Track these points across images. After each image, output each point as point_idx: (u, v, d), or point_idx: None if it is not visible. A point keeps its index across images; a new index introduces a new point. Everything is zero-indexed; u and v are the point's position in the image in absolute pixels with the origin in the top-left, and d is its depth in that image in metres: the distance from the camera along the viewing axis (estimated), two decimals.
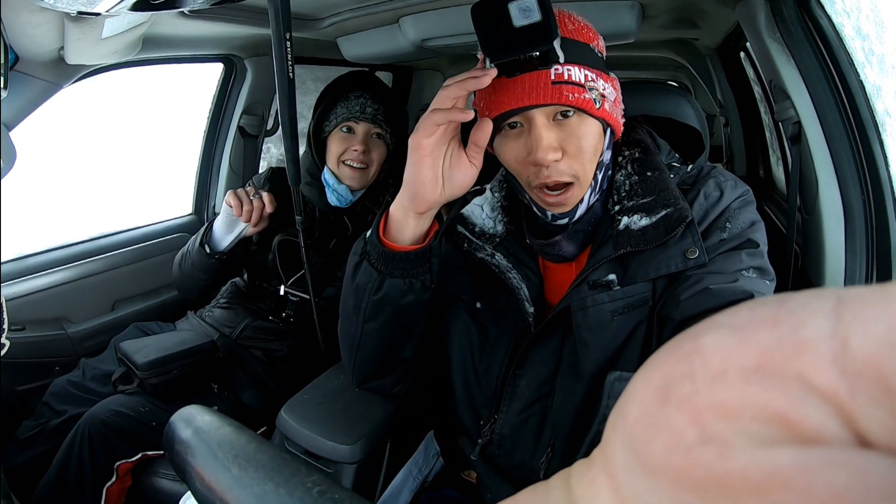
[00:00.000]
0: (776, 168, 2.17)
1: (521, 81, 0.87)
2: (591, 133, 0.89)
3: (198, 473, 0.45)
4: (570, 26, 0.90)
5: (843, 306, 0.17)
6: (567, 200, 0.93)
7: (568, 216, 0.95)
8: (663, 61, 3.37)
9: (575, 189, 0.92)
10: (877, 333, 0.15)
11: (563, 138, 0.89)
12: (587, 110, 0.87)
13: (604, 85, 0.90)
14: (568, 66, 0.86)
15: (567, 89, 0.86)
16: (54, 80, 1.48)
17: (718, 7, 1.72)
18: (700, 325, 0.20)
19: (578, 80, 0.86)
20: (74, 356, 1.84)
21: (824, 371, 0.16)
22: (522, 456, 1.01)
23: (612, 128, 0.94)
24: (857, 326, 0.16)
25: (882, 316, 0.16)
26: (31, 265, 1.87)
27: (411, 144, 0.91)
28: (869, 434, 0.16)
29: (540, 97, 0.86)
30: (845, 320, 0.16)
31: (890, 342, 0.15)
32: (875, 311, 0.16)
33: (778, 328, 0.18)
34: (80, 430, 1.46)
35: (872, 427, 0.15)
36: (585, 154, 0.90)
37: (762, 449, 0.17)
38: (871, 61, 1.13)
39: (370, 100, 1.74)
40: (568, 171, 0.90)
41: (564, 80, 0.86)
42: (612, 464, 0.22)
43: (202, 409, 0.54)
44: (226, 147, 2.39)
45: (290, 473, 0.41)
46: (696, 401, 0.18)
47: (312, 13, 1.85)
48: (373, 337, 1.05)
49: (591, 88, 0.87)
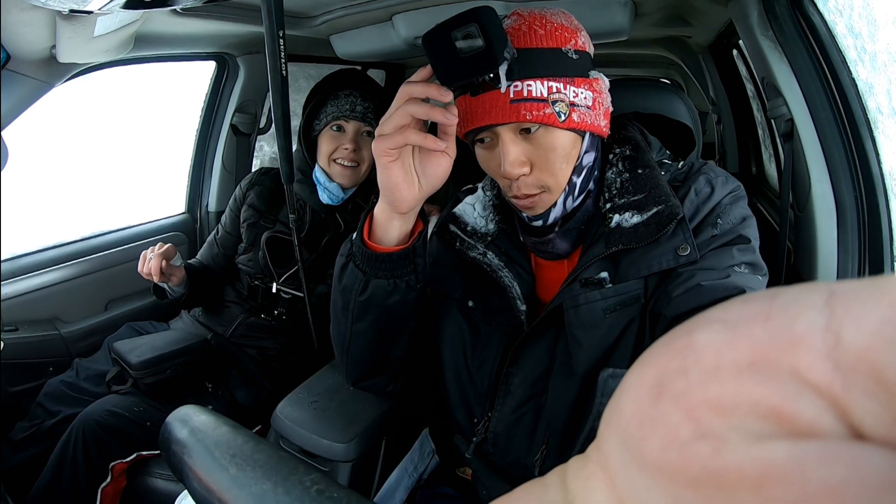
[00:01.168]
0: (768, 165, 2.18)
1: (483, 101, 0.88)
2: (559, 144, 0.89)
3: (195, 474, 0.45)
4: (539, 32, 0.88)
5: (836, 300, 0.17)
6: (535, 205, 0.94)
7: (541, 218, 0.96)
8: (656, 59, 3.37)
9: (545, 195, 0.93)
10: (870, 327, 0.16)
11: (530, 152, 0.90)
12: (550, 125, 0.87)
13: (575, 92, 0.89)
14: (529, 82, 0.86)
15: (526, 107, 0.86)
16: (46, 79, 1.47)
17: (711, 5, 1.72)
18: (692, 321, 0.20)
19: (540, 94, 0.86)
20: (68, 356, 1.84)
21: (818, 365, 0.16)
22: (517, 454, 1.01)
23: (590, 132, 0.94)
24: (850, 320, 0.16)
25: (874, 309, 0.16)
26: (24, 265, 1.85)
27: (374, 151, 0.90)
28: (863, 427, 0.16)
29: (498, 116, 0.87)
30: (838, 314, 0.16)
31: (883, 335, 0.15)
32: (867, 304, 0.16)
33: (770, 323, 0.18)
34: (75, 430, 1.46)
35: (867, 420, 0.15)
36: (554, 165, 0.90)
37: (757, 444, 0.17)
38: (863, 59, 1.14)
39: (360, 98, 1.74)
40: (536, 183, 0.91)
41: (524, 98, 0.86)
42: (607, 460, 0.22)
43: (198, 408, 0.54)
44: (219, 145, 2.38)
45: (288, 472, 0.41)
46: (690, 397, 0.18)
47: (305, 11, 1.84)
48: (362, 337, 1.06)
49: (555, 101, 0.87)
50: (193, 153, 2.41)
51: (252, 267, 1.86)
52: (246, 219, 1.89)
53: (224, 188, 2.39)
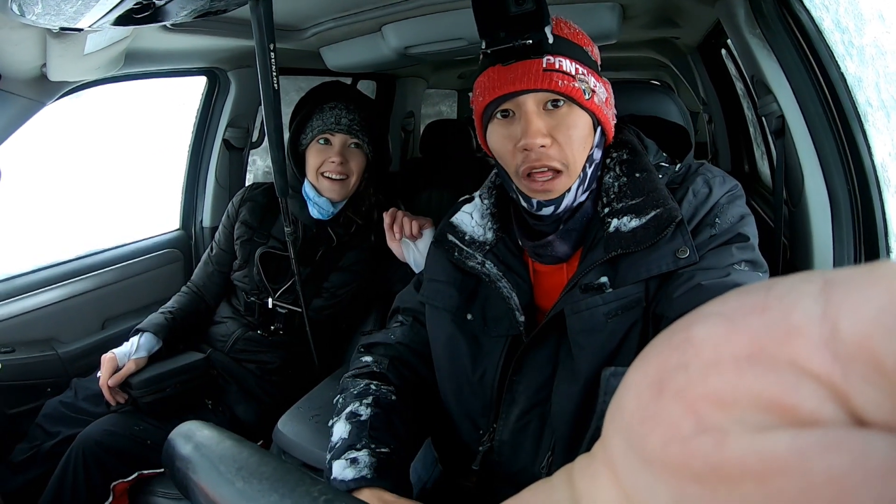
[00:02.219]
0: (761, 163, 2.19)
1: (515, 69, 0.91)
2: (580, 123, 0.92)
3: (201, 489, 0.45)
4: (566, 30, 0.94)
5: (831, 289, 0.17)
6: (554, 187, 0.94)
7: (554, 204, 0.96)
8: (646, 61, 3.40)
9: (563, 178, 0.94)
10: (866, 314, 0.16)
11: (552, 126, 0.92)
12: (577, 99, 0.91)
13: (595, 83, 0.93)
14: (560, 58, 0.91)
15: (558, 76, 0.89)
16: (37, 98, 1.47)
17: (698, 5, 1.74)
18: (691, 316, 0.20)
19: (569, 70, 0.90)
20: (66, 376, 1.82)
21: (816, 354, 0.16)
22: (524, 462, 1.01)
23: (602, 126, 0.97)
24: (846, 308, 0.16)
25: (870, 296, 0.16)
26: (19, 286, 1.84)
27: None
28: (864, 414, 0.16)
29: (531, 82, 0.90)
30: (834, 302, 0.16)
31: (879, 322, 0.15)
32: (863, 291, 0.16)
33: (767, 314, 0.18)
34: (75, 451, 1.45)
35: (868, 407, 0.16)
36: (574, 143, 0.92)
37: (759, 435, 0.17)
38: (850, 53, 1.15)
39: (345, 110, 1.73)
40: (557, 157, 0.92)
41: (556, 69, 0.90)
42: (612, 457, 0.22)
43: (201, 423, 0.54)
44: (211, 160, 2.38)
45: (295, 484, 0.40)
46: (690, 391, 0.18)
47: (295, 24, 1.85)
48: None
49: (581, 80, 0.91)
50: (186, 169, 2.41)
51: (247, 283, 1.85)
52: (239, 236, 1.89)
53: (218, 203, 2.38)
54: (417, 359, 1.15)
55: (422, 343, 1.14)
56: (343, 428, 1.00)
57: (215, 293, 1.94)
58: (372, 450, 0.95)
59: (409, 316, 1.18)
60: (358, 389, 1.07)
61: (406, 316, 1.19)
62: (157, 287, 2.22)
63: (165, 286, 2.21)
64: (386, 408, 1.04)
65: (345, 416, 1.02)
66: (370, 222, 1.89)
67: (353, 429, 0.99)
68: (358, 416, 1.01)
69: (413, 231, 1.38)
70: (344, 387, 1.12)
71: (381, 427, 1.00)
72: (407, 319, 1.18)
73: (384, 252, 1.57)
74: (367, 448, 0.95)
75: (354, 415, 1.02)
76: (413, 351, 1.15)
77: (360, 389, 1.07)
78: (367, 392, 1.06)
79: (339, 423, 1.01)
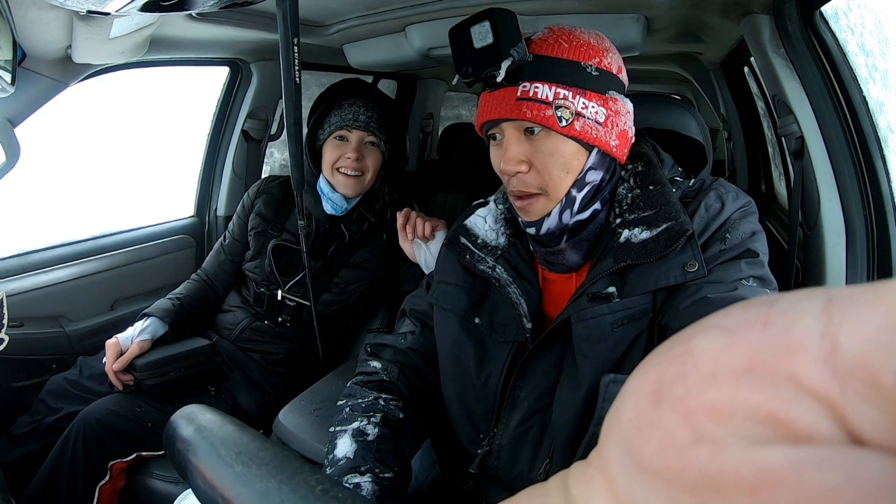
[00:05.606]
0: (778, 183, 2.18)
1: (495, 96, 0.94)
2: (558, 150, 0.93)
3: (199, 471, 0.45)
4: (563, 45, 0.93)
5: (833, 306, 0.17)
6: (531, 209, 0.96)
7: (535, 226, 0.98)
8: (667, 75, 3.38)
9: (542, 201, 0.95)
10: (867, 333, 0.16)
11: (531, 152, 0.94)
12: (549, 127, 0.91)
13: (585, 103, 0.92)
14: (537, 85, 0.91)
15: (528, 106, 0.90)
16: (61, 79, 1.49)
17: (723, 22, 1.73)
18: (692, 328, 0.20)
19: (545, 97, 0.90)
20: (72, 354, 1.84)
21: (815, 370, 0.16)
22: (521, 467, 1.01)
23: (598, 150, 0.95)
24: (848, 326, 0.16)
25: (872, 315, 0.16)
26: (32, 262, 1.86)
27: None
28: (861, 432, 0.16)
29: (505, 112, 0.93)
30: (835, 320, 0.16)
31: (880, 341, 0.15)
32: (865, 310, 0.16)
33: (768, 329, 0.18)
34: (76, 428, 1.46)
35: (865, 426, 0.16)
36: (552, 169, 0.93)
37: (754, 448, 0.17)
38: (874, 77, 1.14)
39: (363, 108, 1.75)
40: (534, 182, 0.95)
41: (529, 98, 0.91)
42: (607, 465, 0.22)
43: (204, 407, 0.54)
44: (229, 150, 2.39)
45: (293, 471, 0.41)
46: (688, 402, 0.18)
47: (320, 19, 1.86)
48: None
49: (558, 107, 0.90)
50: (204, 157, 2.43)
51: (258, 274, 1.87)
52: (253, 227, 1.90)
53: (233, 193, 2.39)
54: (427, 364, 1.15)
55: (432, 348, 1.15)
56: (348, 445, 1.01)
57: (225, 282, 1.95)
58: (376, 475, 0.97)
59: (418, 320, 1.19)
60: (366, 403, 1.08)
61: (415, 320, 1.19)
62: (167, 272, 2.24)
63: (176, 272, 2.23)
64: (393, 426, 1.05)
65: (351, 432, 1.03)
66: (383, 221, 1.90)
67: (358, 448, 1.00)
68: (365, 436, 1.02)
69: (425, 232, 1.38)
70: (351, 393, 1.12)
71: (386, 450, 1.01)
72: (416, 324, 1.18)
73: (396, 251, 1.58)
74: (371, 473, 0.97)
75: (361, 433, 1.02)
76: (423, 356, 1.16)
77: (368, 403, 1.08)
78: (376, 408, 1.07)
79: (345, 437, 1.02)
